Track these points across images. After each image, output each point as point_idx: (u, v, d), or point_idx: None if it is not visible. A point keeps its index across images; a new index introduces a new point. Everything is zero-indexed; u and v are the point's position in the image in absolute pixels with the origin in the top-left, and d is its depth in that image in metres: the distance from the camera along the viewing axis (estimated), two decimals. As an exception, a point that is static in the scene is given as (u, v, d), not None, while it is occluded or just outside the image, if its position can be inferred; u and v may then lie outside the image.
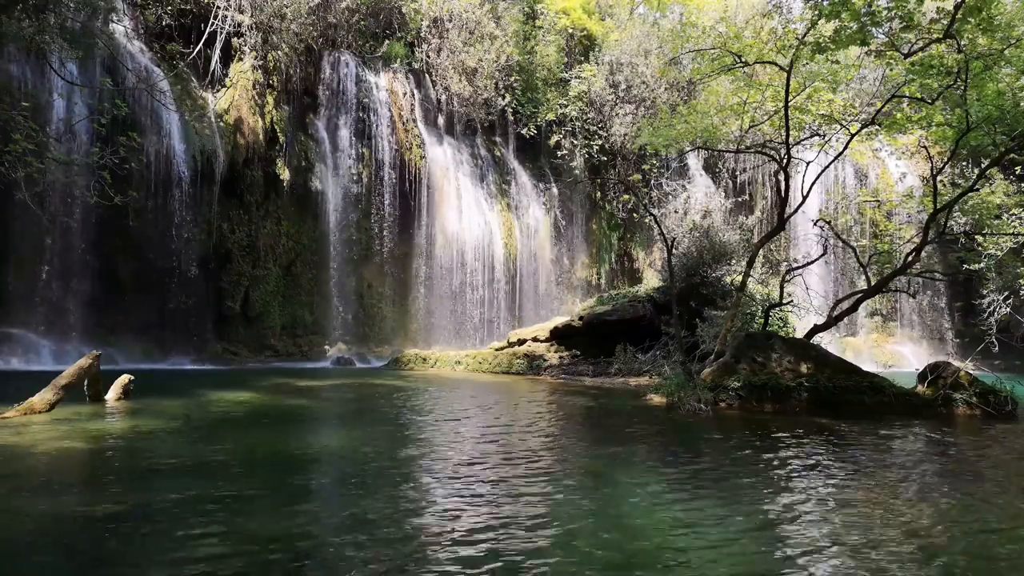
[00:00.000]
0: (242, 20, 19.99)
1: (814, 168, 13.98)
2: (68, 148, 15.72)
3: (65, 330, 16.60)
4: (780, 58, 12.16)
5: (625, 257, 27.83)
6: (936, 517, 4.49)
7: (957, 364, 10.95)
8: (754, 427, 8.31)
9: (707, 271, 17.48)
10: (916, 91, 11.65)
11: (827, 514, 4.51)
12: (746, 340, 11.15)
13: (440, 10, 24.15)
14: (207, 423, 7.95)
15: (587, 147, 26.05)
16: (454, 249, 23.26)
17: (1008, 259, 18.33)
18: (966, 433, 8.35)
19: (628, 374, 15.33)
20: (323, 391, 12.18)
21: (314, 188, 21.26)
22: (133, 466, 5.57)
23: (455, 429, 7.97)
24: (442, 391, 12.48)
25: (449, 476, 5.40)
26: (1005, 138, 11.42)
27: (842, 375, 10.22)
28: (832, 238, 15.23)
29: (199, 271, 18.69)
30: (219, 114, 19.42)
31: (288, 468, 5.70)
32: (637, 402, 10.64)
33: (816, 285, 20.66)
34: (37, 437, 6.47)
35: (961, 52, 10.27)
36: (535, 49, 26.18)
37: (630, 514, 4.41)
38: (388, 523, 4.10)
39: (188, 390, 10.88)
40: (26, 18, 13.56)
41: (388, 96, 22.85)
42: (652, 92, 26.00)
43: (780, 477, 5.65)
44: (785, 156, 12.71)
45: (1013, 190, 18.20)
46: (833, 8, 10.06)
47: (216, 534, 3.81)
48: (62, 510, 4.25)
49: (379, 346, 21.83)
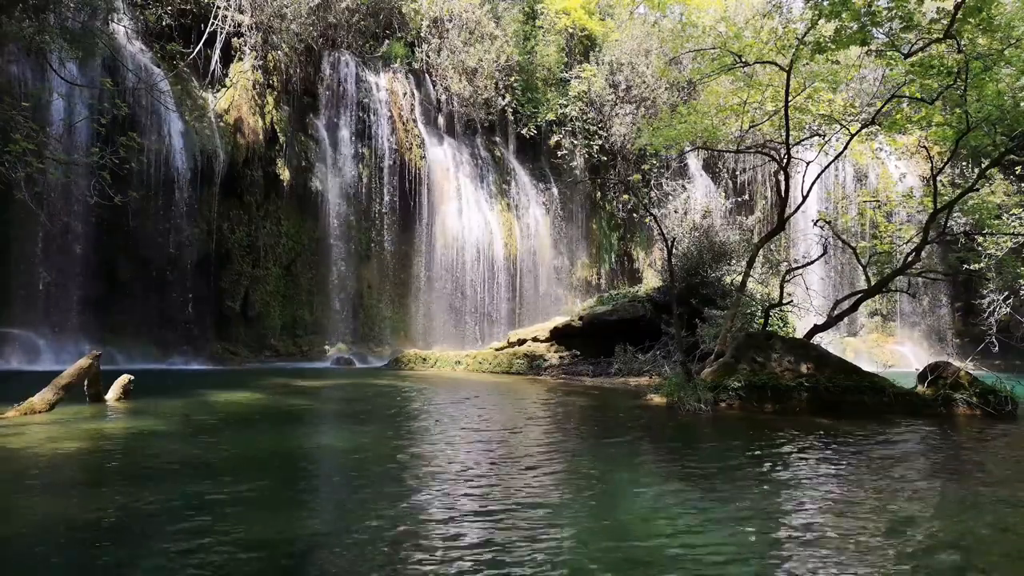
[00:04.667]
0: (242, 20, 19.99)
1: (814, 168, 13.97)
2: (68, 148, 15.71)
3: (65, 330, 16.59)
4: (780, 58, 12.15)
5: (625, 257, 27.82)
6: (936, 517, 4.49)
7: (957, 364, 10.94)
8: (754, 427, 8.31)
9: (707, 271, 17.47)
10: (916, 91, 11.65)
11: (827, 514, 4.50)
12: (746, 340, 11.14)
13: (440, 10, 24.15)
14: (207, 423, 7.95)
15: (587, 147, 26.05)
16: (454, 249, 23.26)
17: (1008, 259, 18.31)
18: (966, 433, 8.35)
19: (628, 374, 15.32)
20: (323, 391, 12.18)
21: (314, 188, 21.26)
22: (133, 466, 5.57)
23: (455, 429, 7.97)
24: (442, 391, 12.47)
25: (449, 476, 5.39)
26: (1005, 138, 11.42)
27: (842, 375, 10.22)
28: (832, 238, 15.22)
29: (199, 271, 18.69)
30: (219, 114, 19.42)
31: (288, 469, 5.70)
32: (637, 402, 10.63)
33: (816, 285, 20.64)
34: (37, 437, 6.47)
35: (961, 52, 10.26)
36: (535, 49, 26.18)
37: (630, 515, 4.40)
38: (388, 524, 4.09)
39: (188, 390, 10.88)
40: (26, 18, 13.55)
41: (388, 96, 22.85)
42: (652, 92, 25.99)
43: (781, 478, 5.65)
44: (785, 156, 12.70)
45: (1013, 190, 18.21)
46: (833, 8, 10.06)
47: (216, 535, 3.80)
48: (62, 510, 4.25)
49: (379, 346, 21.83)
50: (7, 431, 6.69)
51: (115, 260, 17.74)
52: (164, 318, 18.07)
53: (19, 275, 16.17)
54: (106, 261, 17.49)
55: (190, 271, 18.43)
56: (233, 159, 19.40)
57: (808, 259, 14.59)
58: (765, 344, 10.77)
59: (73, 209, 16.26)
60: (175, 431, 7.23)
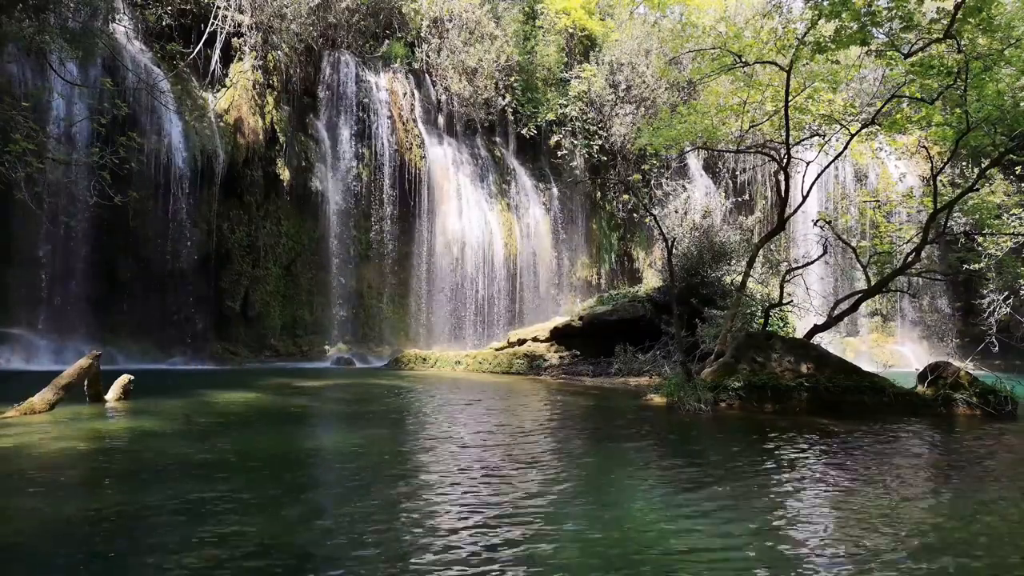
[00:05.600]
0: (242, 20, 19.99)
1: (814, 168, 13.97)
2: (68, 148, 15.71)
3: (65, 330, 16.58)
4: (780, 58, 12.15)
5: (625, 257, 27.81)
6: (936, 517, 4.49)
7: (957, 364, 10.95)
8: (754, 428, 8.31)
9: (707, 271, 17.47)
10: (916, 91, 11.65)
11: (827, 514, 4.50)
12: (746, 340, 11.14)
13: (440, 10, 24.14)
14: (207, 423, 7.95)
15: (587, 147, 26.04)
16: (454, 249, 23.25)
17: (1008, 259, 18.32)
18: (966, 433, 8.35)
19: (628, 374, 15.32)
20: (323, 391, 12.18)
21: (314, 188, 21.25)
22: (133, 466, 5.57)
23: (454, 429, 7.97)
24: (442, 391, 12.47)
25: (448, 476, 5.39)
26: (1005, 138, 11.42)
27: (842, 375, 10.22)
28: (832, 238, 15.22)
29: (199, 271, 18.69)
30: (219, 114, 19.41)
31: (288, 469, 5.71)
32: (637, 402, 10.63)
33: (816, 285, 20.63)
34: (37, 437, 6.47)
35: (961, 52, 10.26)
36: (535, 49, 26.17)
37: (630, 515, 4.40)
38: (387, 525, 4.09)
39: (188, 390, 10.88)
40: (26, 18, 13.54)
41: (388, 96, 22.84)
42: (652, 92, 25.98)
43: (781, 478, 5.65)
44: (785, 156, 12.70)
45: (1013, 190, 18.20)
46: (833, 8, 10.06)
47: (215, 535, 3.80)
48: (62, 510, 4.25)
49: (379, 346, 21.83)
50: (7, 431, 6.69)
51: (115, 260, 17.74)
52: (164, 318, 18.07)
53: (19, 275, 16.16)
54: (106, 261, 17.48)
55: (190, 271, 18.42)
56: (233, 159, 19.39)
57: (808, 259, 14.59)
58: (765, 344, 10.78)
59: (73, 209, 16.25)
60: (175, 431, 7.23)
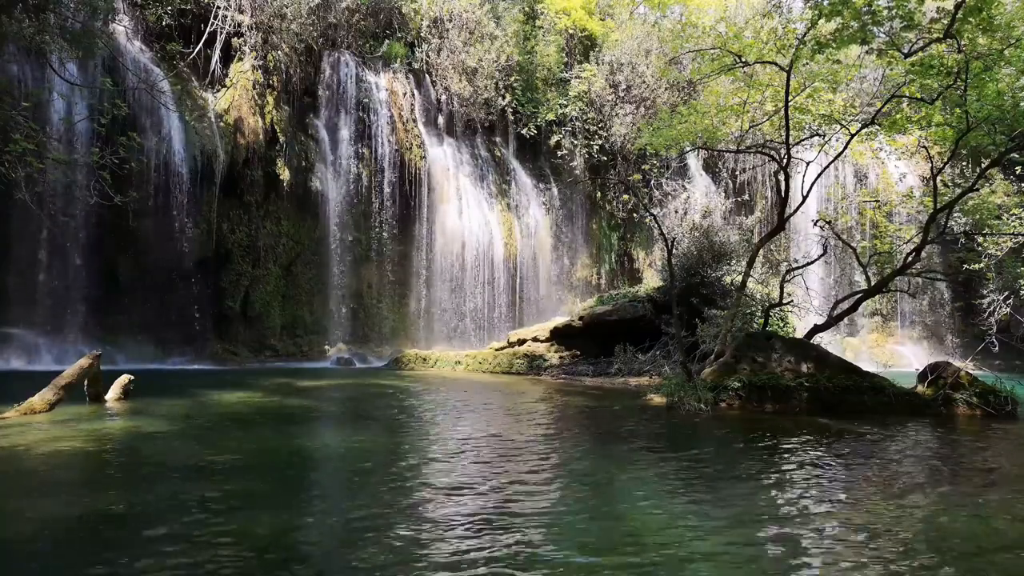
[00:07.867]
0: (242, 20, 19.99)
1: (814, 168, 13.96)
2: (68, 148, 15.71)
3: (65, 330, 16.59)
4: (780, 58, 12.14)
5: (625, 257, 27.81)
6: (936, 517, 4.49)
7: (957, 364, 10.94)
8: (754, 427, 8.31)
9: (707, 271, 17.45)
10: (916, 91, 11.65)
11: (827, 514, 4.50)
12: (746, 340, 11.14)
13: (440, 10, 24.14)
14: (207, 423, 7.95)
15: (587, 147, 26.04)
16: (454, 249, 23.25)
17: (1008, 259, 18.33)
18: (966, 433, 8.35)
19: (628, 374, 15.32)
20: (323, 391, 12.18)
21: (314, 188, 21.26)
22: (133, 466, 5.57)
23: (455, 429, 7.97)
24: (442, 392, 12.47)
25: (448, 476, 5.39)
26: (1005, 138, 11.41)
27: (842, 375, 10.22)
28: (832, 238, 15.23)
29: (199, 271, 18.69)
30: (219, 114, 19.41)
31: (288, 469, 5.70)
32: (637, 402, 10.63)
33: (816, 285, 20.65)
34: (37, 437, 6.47)
35: (961, 52, 10.26)
36: (535, 49, 26.17)
37: (630, 515, 4.40)
38: (387, 525, 4.09)
39: (188, 390, 10.88)
40: (26, 18, 13.55)
41: (388, 96, 22.84)
42: (652, 92, 25.98)
43: (781, 478, 5.65)
44: (785, 156, 12.70)
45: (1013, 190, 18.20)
46: (833, 7, 10.05)
47: (215, 535, 3.80)
48: (61, 510, 4.25)
49: (379, 346, 21.82)
50: (7, 431, 6.69)
51: (115, 260, 17.74)
52: (164, 318, 18.06)
53: (19, 275, 16.17)
54: (106, 261, 17.49)
55: (190, 271, 18.42)
56: (233, 159, 19.39)
57: (808, 259, 14.59)
58: (765, 344, 10.77)
59: (73, 209, 16.25)
60: (175, 431, 7.23)
